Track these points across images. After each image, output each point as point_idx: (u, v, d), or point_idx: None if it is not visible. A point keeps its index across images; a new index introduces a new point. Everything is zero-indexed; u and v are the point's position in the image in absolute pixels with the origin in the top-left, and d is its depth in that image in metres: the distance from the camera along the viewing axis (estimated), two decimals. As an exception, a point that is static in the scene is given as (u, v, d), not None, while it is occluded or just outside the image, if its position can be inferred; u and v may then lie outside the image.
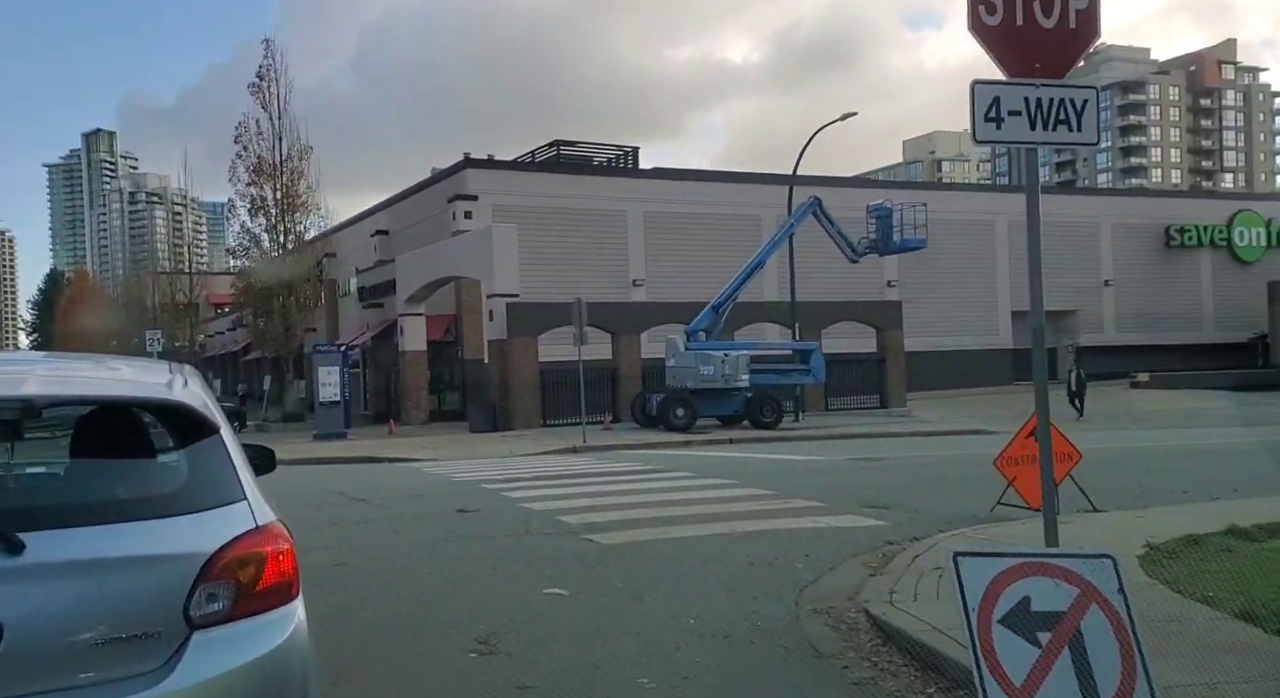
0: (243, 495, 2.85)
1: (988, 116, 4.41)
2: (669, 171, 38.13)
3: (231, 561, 2.66)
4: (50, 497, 3.02)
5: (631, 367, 27.66)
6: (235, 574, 2.65)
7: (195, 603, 2.57)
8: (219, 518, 2.72)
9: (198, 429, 2.86)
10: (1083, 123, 4.52)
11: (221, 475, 2.84)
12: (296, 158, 34.32)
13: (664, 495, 11.07)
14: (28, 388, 2.77)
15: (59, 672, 2.39)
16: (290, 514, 9.84)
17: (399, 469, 16.92)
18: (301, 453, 21.21)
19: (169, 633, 2.51)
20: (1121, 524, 7.97)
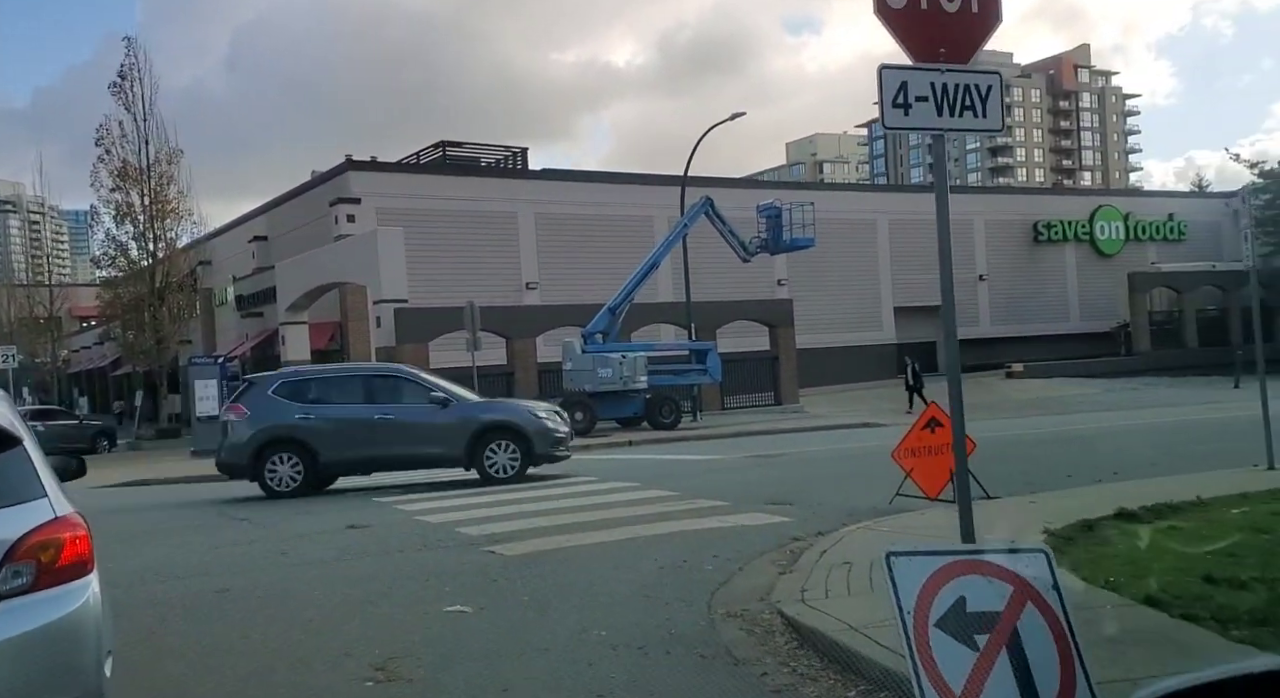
0: (44, 493, 3.55)
1: (895, 102, 4.35)
2: (559, 173, 37.88)
3: (33, 545, 3.33)
4: None
5: (527, 371, 27.26)
6: (37, 556, 3.32)
7: (1, 579, 3.24)
8: (22, 512, 3.40)
9: (2, 442, 3.52)
10: (988, 109, 4.52)
11: (24, 478, 3.53)
12: (165, 161, 32.57)
13: (568, 502, 10.81)
14: None
15: None
16: (167, 538, 9.10)
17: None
18: (178, 471, 20.07)
19: None
20: (1017, 511, 8.15)
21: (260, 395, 13.56)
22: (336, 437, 12.98)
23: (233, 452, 13.57)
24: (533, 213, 36.53)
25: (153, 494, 16.28)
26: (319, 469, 13.23)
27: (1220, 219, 50.95)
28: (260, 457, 13.22)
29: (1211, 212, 51.30)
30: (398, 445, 12.97)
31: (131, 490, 17.31)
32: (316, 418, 13.16)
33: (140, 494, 16.36)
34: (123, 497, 15.93)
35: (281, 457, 13.13)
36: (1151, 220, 48.28)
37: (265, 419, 13.25)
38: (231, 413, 13.74)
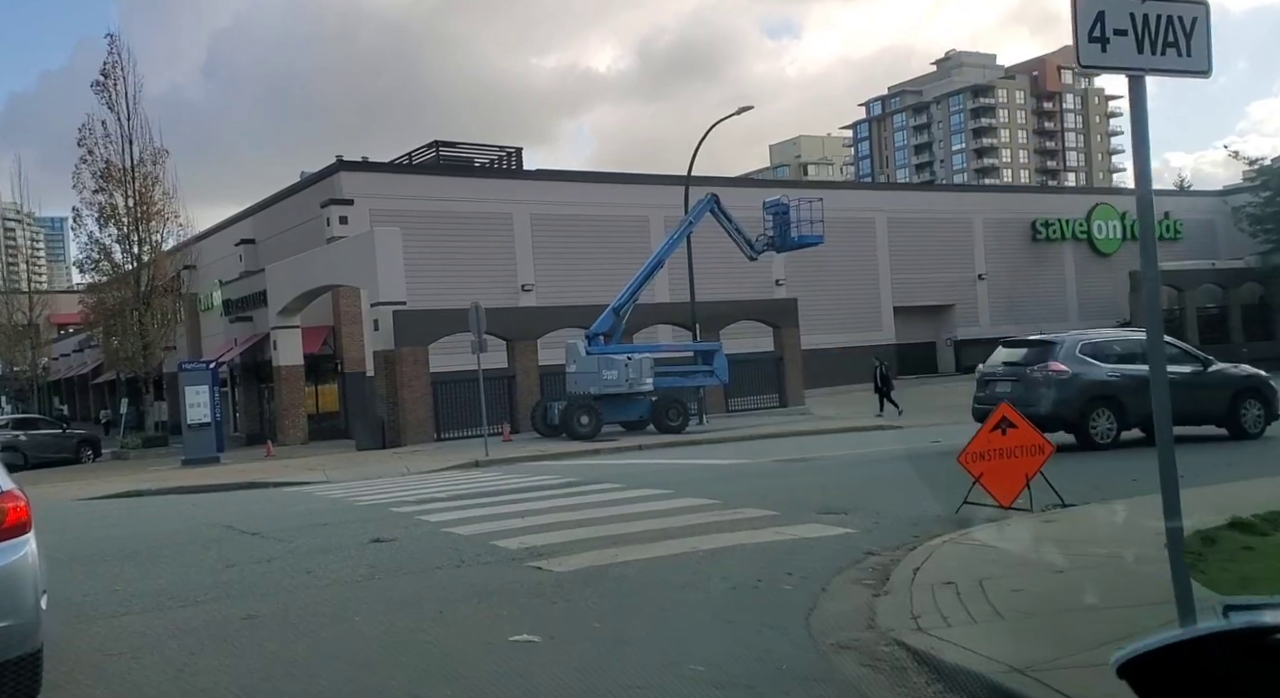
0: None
1: (1091, 36, 3.70)
2: (554, 173, 37.20)
3: None
4: None
5: (529, 374, 26.56)
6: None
7: None
8: None
9: None
10: (1192, 46, 3.85)
11: None
12: (150, 162, 31.62)
13: (601, 511, 10.15)
14: None
15: None
16: (176, 556, 8.31)
17: (290, 495, 15.36)
18: (171, 481, 19.26)
19: None
20: (1109, 521, 7.57)
21: (1070, 356, 14.27)
22: (1138, 394, 12.56)
23: (1062, 406, 13.89)
24: (528, 214, 35.83)
25: (148, 506, 15.47)
26: (1124, 424, 13.80)
27: (1214, 217, 50.87)
28: (1084, 412, 13.87)
29: (1205, 210, 51.23)
30: (1179, 402, 12.44)
31: (125, 503, 16.50)
32: (1122, 376, 13.77)
33: (136, 507, 15.55)
34: (117, 510, 15.13)
35: (1100, 412, 13.85)
36: (1148, 219, 47.98)
37: (1084, 377, 13.95)
38: (1050, 371, 14.18)
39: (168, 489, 18.13)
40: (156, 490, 18.05)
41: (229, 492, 17.49)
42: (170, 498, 16.93)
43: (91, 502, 17.16)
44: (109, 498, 17.63)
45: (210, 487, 18.09)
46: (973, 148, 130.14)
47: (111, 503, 16.70)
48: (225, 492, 17.46)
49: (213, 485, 18.17)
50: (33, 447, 27.53)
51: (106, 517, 13.96)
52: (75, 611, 6.76)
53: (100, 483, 20.18)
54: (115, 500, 17.17)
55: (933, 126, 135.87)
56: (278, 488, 17.46)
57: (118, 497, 17.71)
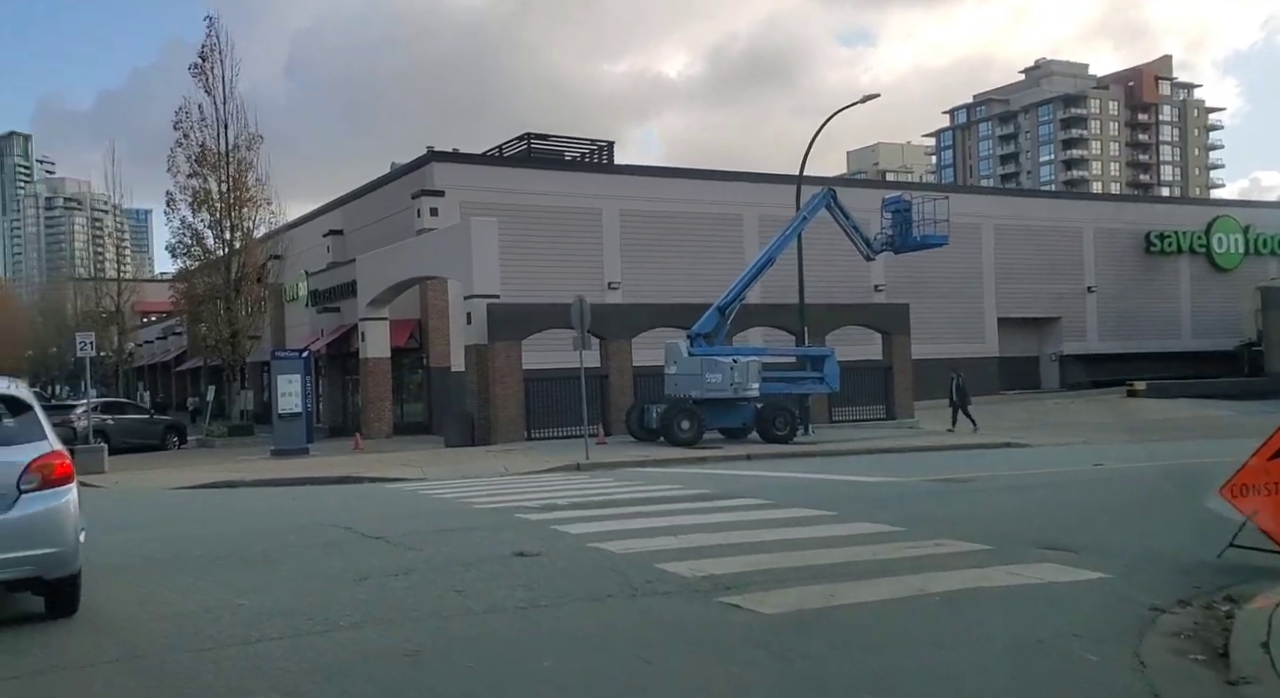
0: (45, 437, 6.20)
1: None
2: (646, 169, 36.10)
3: (40, 464, 5.99)
4: None
5: (622, 374, 25.36)
6: (39, 471, 5.97)
7: (21, 483, 5.88)
8: (34, 447, 6.08)
9: (21, 407, 6.34)
10: None
11: (35, 429, 6.25)
12: (244, 147, 31.34)
13: (765, 534, 8.83)
14: None
15: None
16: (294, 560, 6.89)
17: (394, 493, 14.37)
18: (265, 473, 18.47)
19: (9, 494, 5.82)
20: None
21: None
22: None
23: None
24: (618, 209, 34.74)
25: (246, 499, 14.63)
26: None
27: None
28: None
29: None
30: None
31: (220, 494, 15.70)
32: None
33: (232, 499, 14.73)
34: (214, 501, 14.30)
35: None
36: (1274, 233, 45.06)
37: None
38: None
39: (261, 481, 17.34)
40: (251, 482, 17.27)
41: (324, 486, 16.62)
42: (265, 491, 16.10)
43: (184, 491, 16.44)
44: (202, 488, 16.90)
45: (305, 480, 17.24)
46: (1061, 159, 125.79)
47: (206, 494, 15.94)
48: (321, 485, 16.59)
49: (307, 479, 17.32)
50: (120, 432, 27.23)
51: (206, 509, 13.12)
52: (201, 632, 5.70)
53: (190, 471, 19.54)
54: (209, 491, 16.42)
55: (1020, 136, 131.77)
56: (374, 484, 16.54)
57: (211, 487, 16.98)
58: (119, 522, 11.73)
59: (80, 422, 26.70)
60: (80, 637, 5.71)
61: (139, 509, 13.61)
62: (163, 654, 5.27)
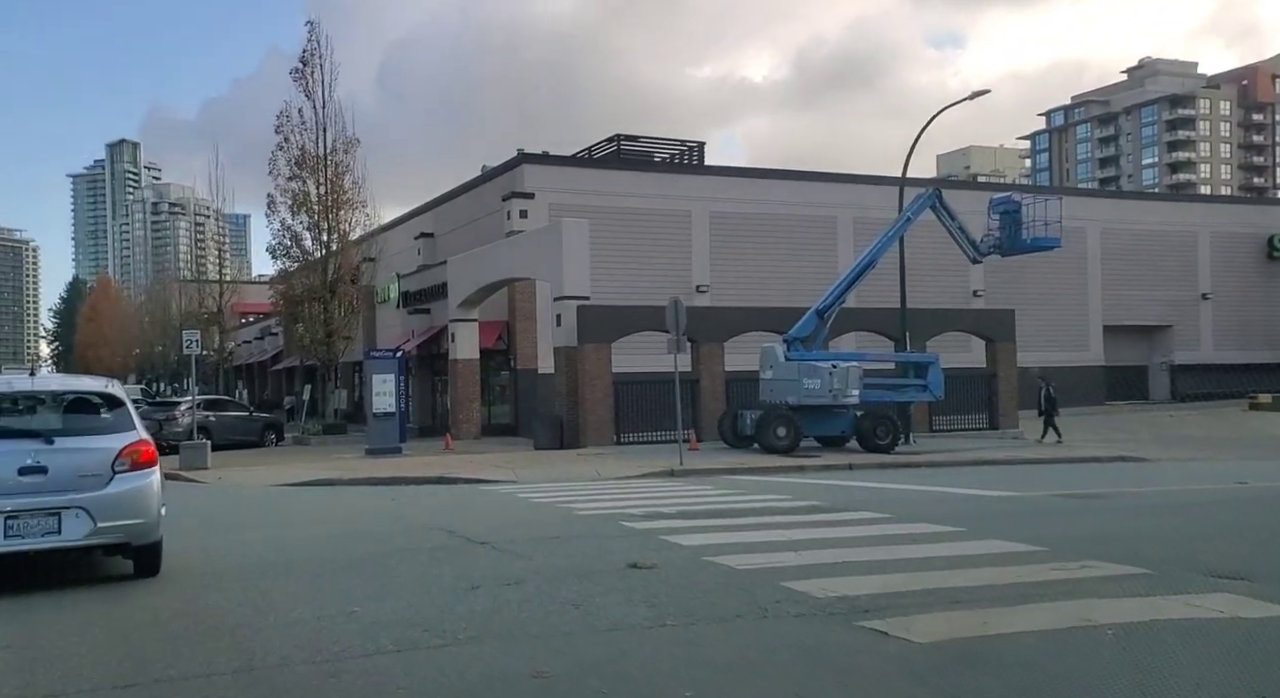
0: (135, 427, 7.54)
1: None
2: (737, 170, 35.51)
3: (130, 449, 7.30)
4: (61, 426, 7.40)
5: (714, 379, 24.86)
6: (129, 455, 7.27)
7: (115, 465, 7.19)
8: (126, 436, 7.40)
9: (117, 403, 7.68)
10: None
11: (127, 421, 7.56)
12: (342, 150, 31.82)
13: (892, 551, 8.25)
14: (50, 386, 7.89)
15: (74, 483, 7.00)
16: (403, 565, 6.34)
17: (490, 495, 14.18)
18: (361, 471, 18.54)
19: (105, 474, 7.14)
20: None
21: None
22: None
23: None
24: (707, 211, 34.28)
25: (347, 498, 14.62)
26: None
27: None
28: None
29: None
30: None
31: (322, 493, 15.76)
32: None
33: (334, 498, 14.74)
34: (317, 500, 14.32)
35: None
36: None
37: None
38: None
39: (359, 479, 17.38)
40: (348, 480, 17.33)
41: (421, 486, 16.57)
42: (364, 490, 16.10)
43: (286, 489, 16.57)
44: (303, 485, 17.02)
45: (401, 480, 17.23)
46: (1166, 161, 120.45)
47: (307, 491, 16.02)
48: (417, 486, 16.54)
49: (403, 478, 17.30)
50: (221, 428, 27.87)
51: (310, 508, 13.12)
52: (317, 643, 5.44)
53: (289, 469, 19.77)
54: (310, 489, 16.52)
55: (1120, 139, 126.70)
56: (469, 485, 16.41)
57: (311, 485, 17.08)
58: (228, 520, 11.77)
59: (184, 418, 27.44)
60: (198, 644, 5.51)
61: (246, 507, 13.69)
62: (281, 666, 5.01)
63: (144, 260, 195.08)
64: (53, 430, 7.25)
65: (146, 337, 66.75)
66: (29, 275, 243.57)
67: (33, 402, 7.64)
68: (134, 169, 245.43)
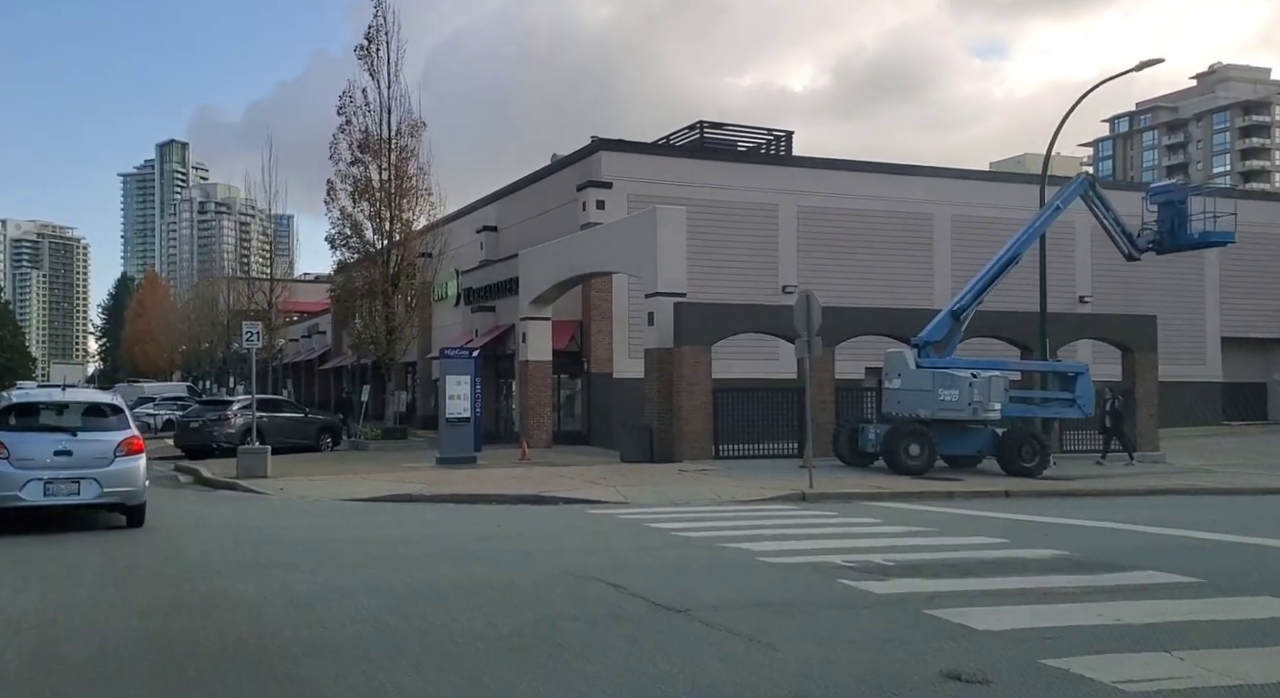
0: (130, 426, 11.62)
1: None
2: (827, 161, 32.81)
3: (125, 442, 11.26)
4: (82, 425, 11.36)
5: (822, 388, 22.13)
6: (125, 445, 11.25)
7: (116, 451, 11.12)
8: (123, 432, 11.38)
9: (119, 410, 11.85)
10: None
11: (126, 422, 11.63)
12: (407, 133, 29.65)
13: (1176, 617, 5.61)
14: (76, 397, 12.46)
15: (90, 462, 10.96)
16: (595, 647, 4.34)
17: (610, 522, 11.70)
18: (440, 485, 16.11)
19: (109, 457, 11.06)
20: None
21: None
22: None
23: None
24: (795, 205, 31.67)
25: (434, 520, 12.20)
26: None
27: None
28: None
29: None
30: None
31: (405, 512, 13.38)
32: None
33: (420, 520, 12.32)
34: (404, 522, 11.88)
35: None
36: None
37: None
38: None
39: (442, 495, 14.98)
40: (430, 496, 14.94)
41: (515, 505, 14.14)
42: (454, 509, 13.69)
43: (361, 505, 14.25)
44: (377, 501, 14.69)
45: (491, 497, 14.81)
46: (1239, 169, 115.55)
47: (386, 509, 13.66)
48: (513, 505, 14.11)
49: (493, 496, 14.88)
50: (274, 430, 25.68)
51: (402, 533, 10.71)
52: None
53: (357, 479, 17.46)
54: (388, 506, 14.17)
55: (1189, 146, 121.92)
56: (573, 506, 13.96)
57: (387, 501, 14.74)
58: (310, 552, 9.41)
59: (238, 419, 25.33)
60: None
61: (324, 532, 11.34)
62: None
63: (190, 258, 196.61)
64: (76, 427, 11.22)
65: (193, 333, 65.45)
66: (79, 272, 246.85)
67: (64, 408, 11.67)
68: (182, 169, 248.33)
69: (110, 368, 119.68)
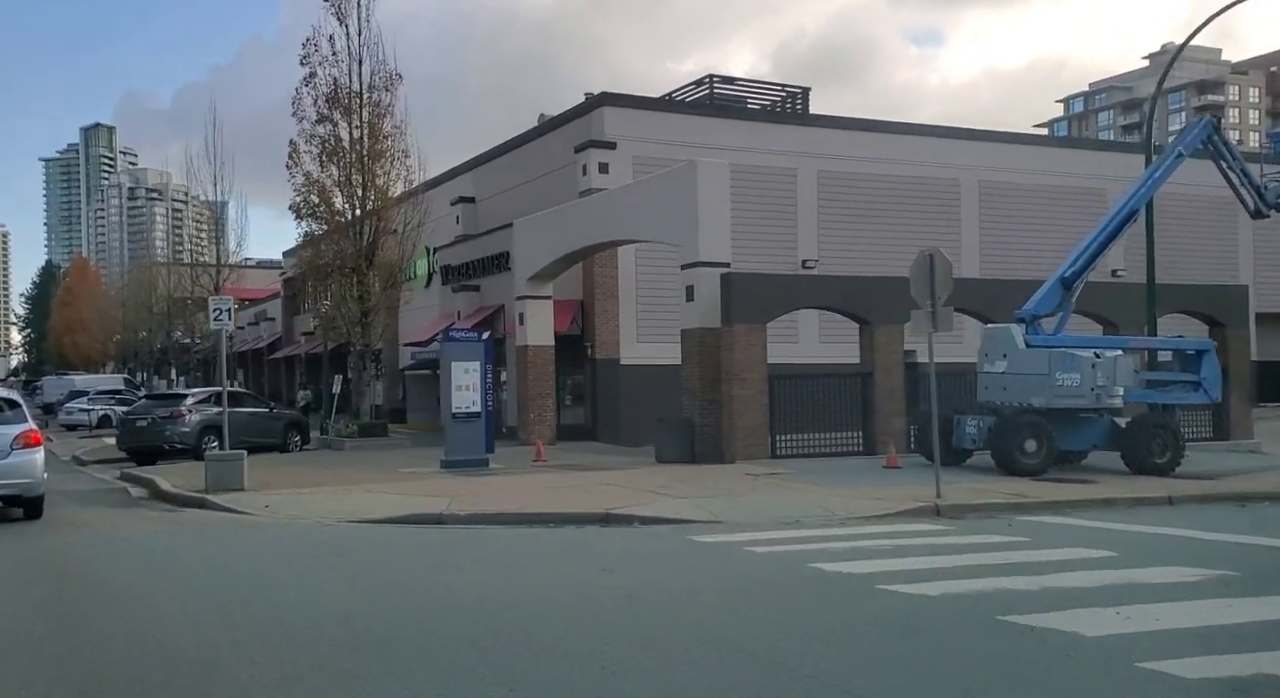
0: (28, 420, 12.43)
1: None
2: (849, 120, 29.75)
3: (22, 435, 12.00)
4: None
5: (891, 372, 19.06)
6: (23, 438, 11.99)
7: (13, 444, 11.83)
8: (20, 426, 12.14)
9: (16, 404, 12.61)
10: None
11: (23, 416, 12.39)
12: (381, 87, 25.81)
13: None
14: None
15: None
16: None
17: (745, 558, 8.39)
18: (464, 499, 12.51)
19: (6, 450, 11.78)
20: None
21: None
22: None
23: None
24: (815, 170, 28.55)
25: (507, 554, 8.72)
26: None
27: None
28: None
29: None
30: None
31: (434, 540, 9.85)
32: None
33: (486, 554, 8.80)
34: (448, 563, 8.35)
35: None
36: None
37: None
38: None
39: (481, 516, 11.49)
40: (466, 517, 11.44)
41: (581, 528, 10.76)
42: (501, 534, 10.21)
43: (379, 529, 10.74)
44: (397, 523, 11.17)
45: (542, 517, 11.38)
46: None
47: (421, 539, 10.14)
48: (574, 527, 10.72)
49: (545, 515, 11.44)
50: (235, 428, 21.71)
51: (494, 595, 7.07)
52: None
53: (356, 491, 13.87)
54: (416, 532, 10.66)
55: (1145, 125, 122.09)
56: (656, 528, 10.65)
57: (409, 522, 11.23)
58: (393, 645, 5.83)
59: (193, 415, 21.49)
60: None
61: (373, 588, 7.69)
62: None
63: (120, 246, 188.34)
64: None
65: (129, 322, 60.44)
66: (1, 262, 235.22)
67: None
68: (109, 154, 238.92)
69: (35, 360, 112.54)
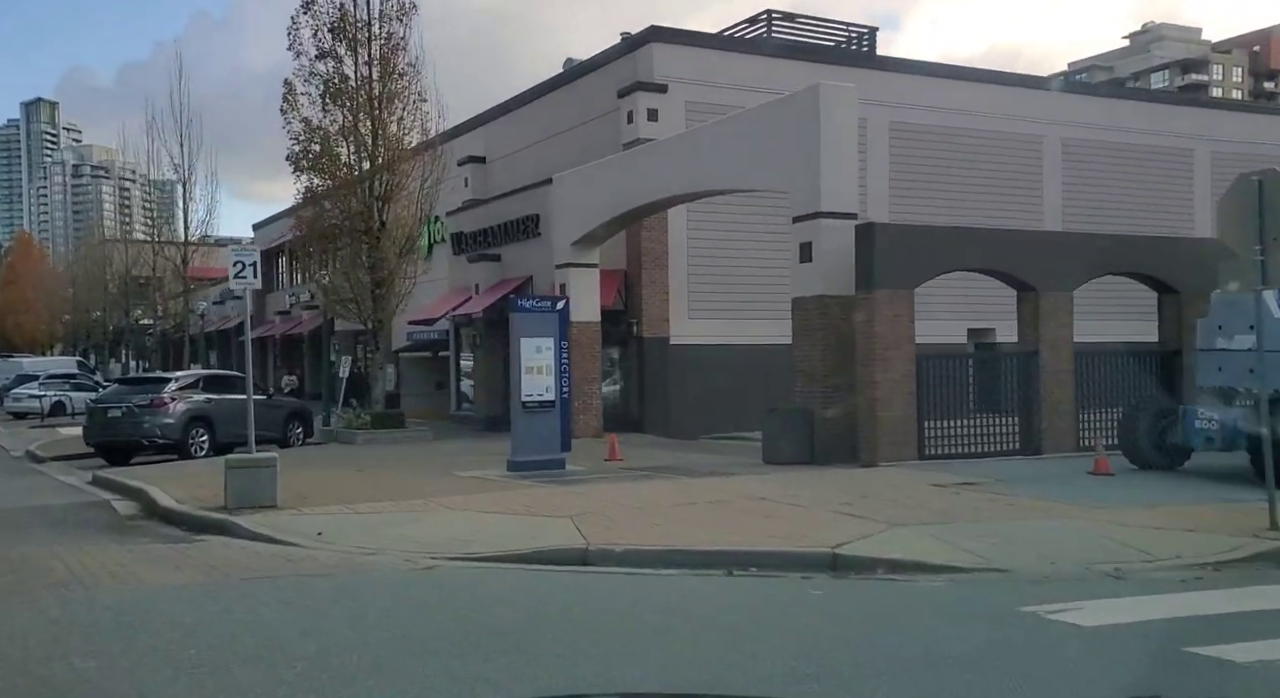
0: None
1: None
2: (919, 65, 26.22)
3: None
4: None
5: (1058, 351, 15.43)
6: None
7: None
8: None
9: None
10: None
11: None
12: (394, 16, 21.67)
13: None
14: None
15: None
16: None
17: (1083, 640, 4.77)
18: (589, 522, 8.73)
19: None
20: None
21: None
22: None
23: None
24: (886, 121, 25.01)
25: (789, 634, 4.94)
26: None
27: None
28: None
29: None
30: None
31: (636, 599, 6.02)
32: None
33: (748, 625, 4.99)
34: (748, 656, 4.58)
35: None
36: None
37: None
38: None
39: (640, 555, 7.68)
40: (620, 555, 7.63)
41: (801, 578, 7.06)
42: (701, 587, 6.45)
43: (496, 573, 6.88)
44: (517, 563, 7.33)
45: (725, 557, 7.61)
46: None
47: (575, 589, 6.33)
48: (784, 576, 7.01)
49: (731, 555, 7.66)
50: (226, 418, 17.74)
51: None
52: None
53: (421, 506, 9.98)
54: (562, 578, 6.83)
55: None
56: (912, 583, 7.05)
57: (533, 563, 7.39)
58: None
59: (178, 404, 17.46)
60: None
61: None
62: None
63: (64, 223, 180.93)
64: None
65: (79, 301, 55.66)
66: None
67: None
68: (52, 130, 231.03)
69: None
